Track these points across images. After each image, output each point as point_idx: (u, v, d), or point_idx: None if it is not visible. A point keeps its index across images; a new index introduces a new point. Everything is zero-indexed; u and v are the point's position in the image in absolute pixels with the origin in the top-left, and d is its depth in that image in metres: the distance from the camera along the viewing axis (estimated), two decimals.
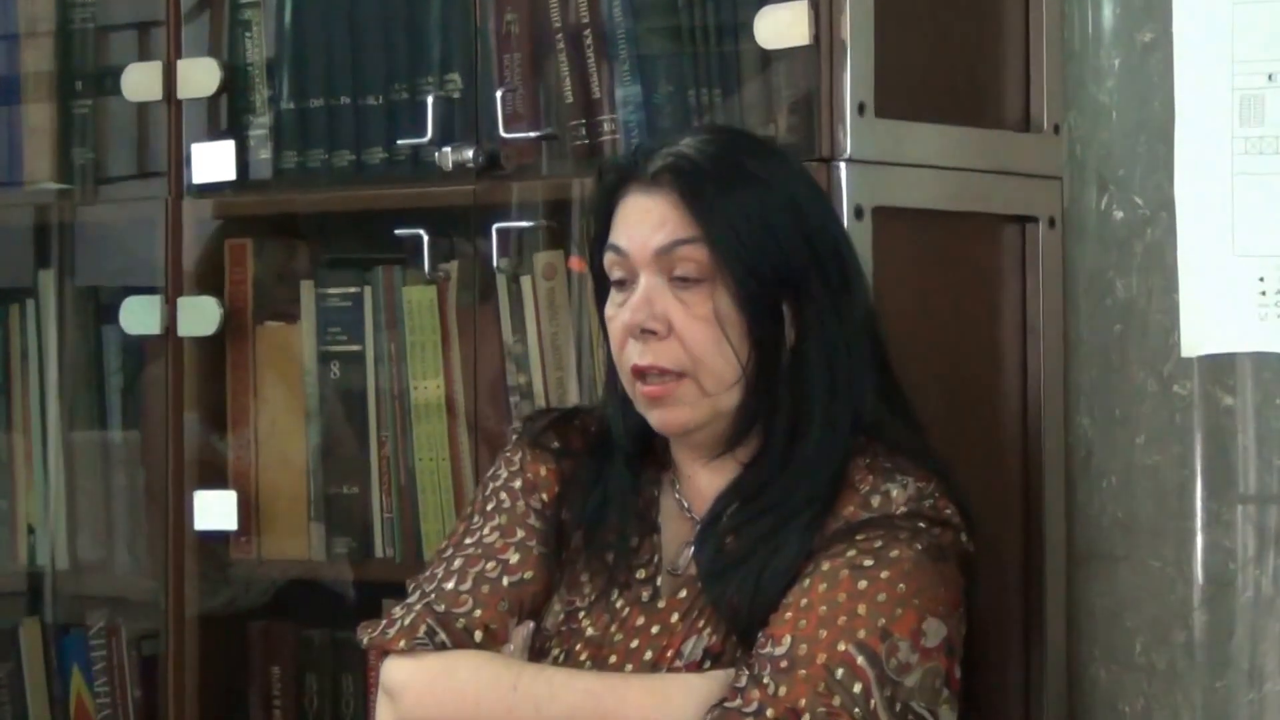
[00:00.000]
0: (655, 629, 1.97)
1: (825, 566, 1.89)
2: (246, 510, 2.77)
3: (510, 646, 1.99)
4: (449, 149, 2.57)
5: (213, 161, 2.77)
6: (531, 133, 2.56)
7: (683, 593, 1.98)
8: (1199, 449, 1.92)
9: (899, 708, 1.83)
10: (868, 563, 1.88)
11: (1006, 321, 2.50)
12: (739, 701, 1.83)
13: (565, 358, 2.58)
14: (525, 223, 2.60)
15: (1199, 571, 1.92)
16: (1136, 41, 1.96)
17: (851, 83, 2.30)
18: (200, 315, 2.77)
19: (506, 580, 2.01)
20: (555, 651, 2.00)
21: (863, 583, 1.87)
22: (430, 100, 2.61)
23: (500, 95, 2.56)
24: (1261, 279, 1.89)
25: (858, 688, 1.82)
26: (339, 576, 2.77)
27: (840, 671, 1.83)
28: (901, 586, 1.87)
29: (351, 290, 2.75)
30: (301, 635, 2.82)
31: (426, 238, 2.64)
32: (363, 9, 2.71)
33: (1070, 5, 2.05)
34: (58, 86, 2.97)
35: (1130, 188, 1.96)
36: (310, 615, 2.82)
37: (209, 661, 2.81)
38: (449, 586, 2.01)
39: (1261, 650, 1.89)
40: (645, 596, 2.00)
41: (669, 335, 1.95)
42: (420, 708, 1.96)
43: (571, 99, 2.54)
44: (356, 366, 2.74)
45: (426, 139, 2.60)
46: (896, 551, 1.89)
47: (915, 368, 2.09)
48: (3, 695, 3.04)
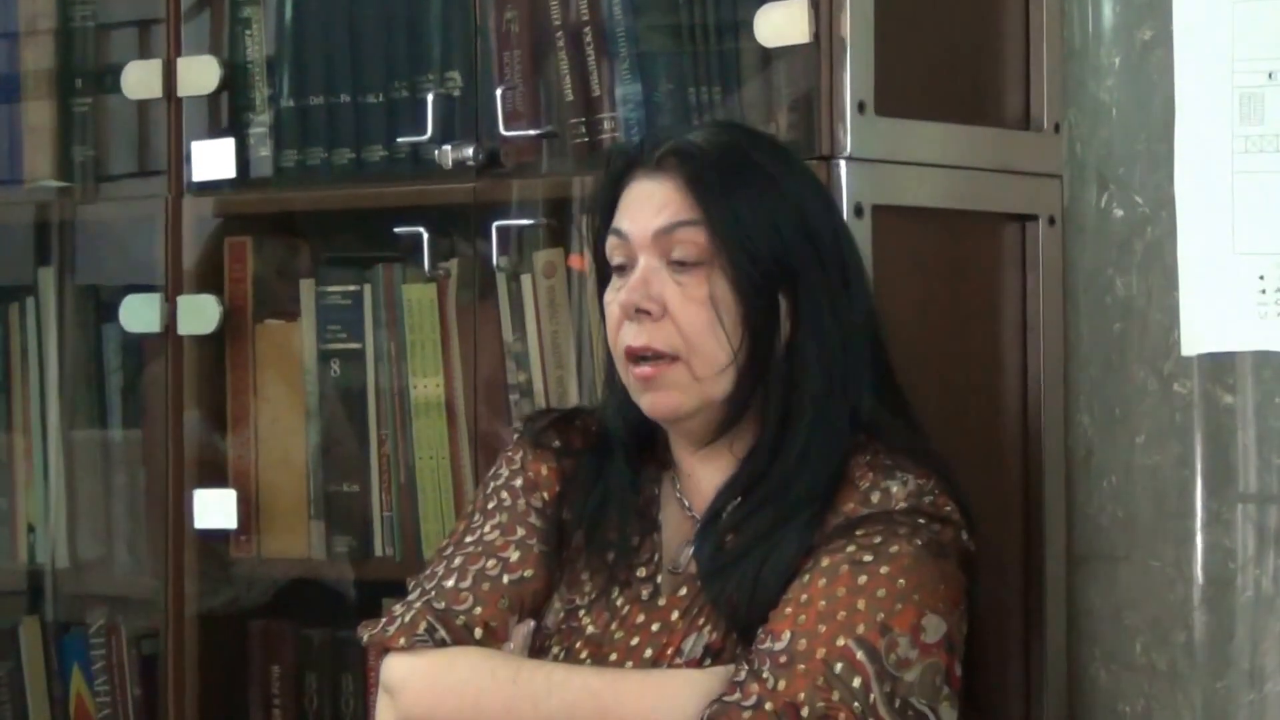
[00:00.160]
0: (656, 627, 1.97)
1: (825, 562, 1.89)
2: (246, 509, 2.77)
3: (510, 645, 1.99)
4: (449, 147, 2.57)
5: (213, 159, 2.77)
6: (531, 131, 2.56)
7: (683, 590, 1.98)
8: (1199, 448, 1.92)
9: (898, 703, 1.83)
10: (867, 558, 1.88)
11: (1006, 320, 2.50)
12: (738, 695, 1.83)
13: (565, 356, 2.58)
14: (525, 221, 2.60)
15: (1199, 571, 1.92)
16: (1136, 40, 1.96)
17: (851, 81, 2.30)
18: (200, 313, 2.77)
19: (507, 578, 2.01)
20: (556, 650, 2.00)
21: (862, 578, 1.87)
22: (430, 98, 2.61)
23: (500, 93, 2.56)
24: (1261, 277, 1.88)
25: (857, 682, 1.82)
26: (339, 575, 2.77)
27: (839, 666, 1.83)
28: (901, 582, 1.87)
29: (351, 288, 2.75)
30: (301, 634, 2.82)
31: (426, 236, 2.64)
32: (363, 7, 2.71)
33: (1070, 3, 2.05)
34: (58, 84, 2.97)
35: (1130, 186, 1.96)
36: (310, 614, 2.82)
37: (209, 661, 2.81)
38: (449, 584, 2.01)
39: (1262, 650, 1.89)
40: (646, 594, 1.99)
41: (663, 316, 1.95)
42: (420, 704, 1.96)
43: (571, 97, 2.54)
44: (356, 365, 2.74)
45: (426, 137, 2.60)
46: (896, 547, 1.89)
47: (914, 366, 2.09)
48: (3, 694, 3.03)
